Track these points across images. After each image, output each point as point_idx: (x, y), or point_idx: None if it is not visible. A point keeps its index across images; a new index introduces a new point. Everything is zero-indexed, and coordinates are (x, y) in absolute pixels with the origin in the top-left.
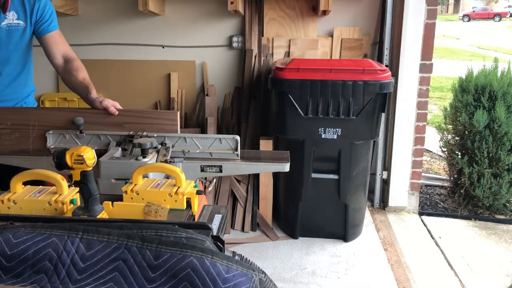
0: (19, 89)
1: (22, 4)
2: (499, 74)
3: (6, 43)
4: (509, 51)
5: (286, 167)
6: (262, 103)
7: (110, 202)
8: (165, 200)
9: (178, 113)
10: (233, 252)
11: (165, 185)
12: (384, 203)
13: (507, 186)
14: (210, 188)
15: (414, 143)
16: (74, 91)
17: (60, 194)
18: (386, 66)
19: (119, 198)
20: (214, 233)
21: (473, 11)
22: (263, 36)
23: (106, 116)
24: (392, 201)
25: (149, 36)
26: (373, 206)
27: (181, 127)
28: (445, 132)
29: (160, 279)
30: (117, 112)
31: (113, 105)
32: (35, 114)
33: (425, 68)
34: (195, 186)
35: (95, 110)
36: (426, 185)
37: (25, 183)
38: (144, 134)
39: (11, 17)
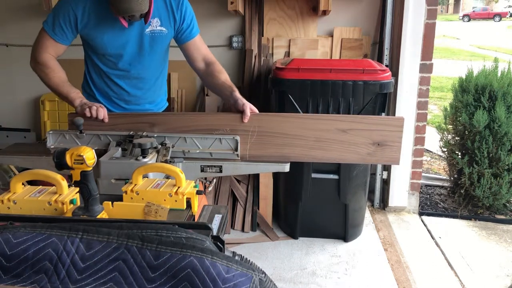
0: (156, 92)
1: (166, 10)
2: (499, 74)
3: (149, 49)
4: (509, 51)
5: (286, 167)
6: (262, 103)
7: (110, 202)
8: (165, 200)
9: (404, 118)
10: (233, 252)
11: (165, 185)
12: (384, 203)
13: (507, 186)
14: (210, 188)
15: (414, 143)
16: (215, 91)
17: (60, 194)
18: (386, 66)
19: (119, 198)
20: (214, 233)
21: (473, 11)
22: (263, 36)
23: (322, 122)
24: (392, 201)
25: None
26: (373, 206)
27: None
28: (445, 132)
29: (160, 279)
30: (247, 120)
31: (251, 110)
32: (257, 120)
33: (425, 68)
34: (195, 186)
35: (305, 115)
36: (426, 185)
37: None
38: (144, 134)
39: (155, 24)
